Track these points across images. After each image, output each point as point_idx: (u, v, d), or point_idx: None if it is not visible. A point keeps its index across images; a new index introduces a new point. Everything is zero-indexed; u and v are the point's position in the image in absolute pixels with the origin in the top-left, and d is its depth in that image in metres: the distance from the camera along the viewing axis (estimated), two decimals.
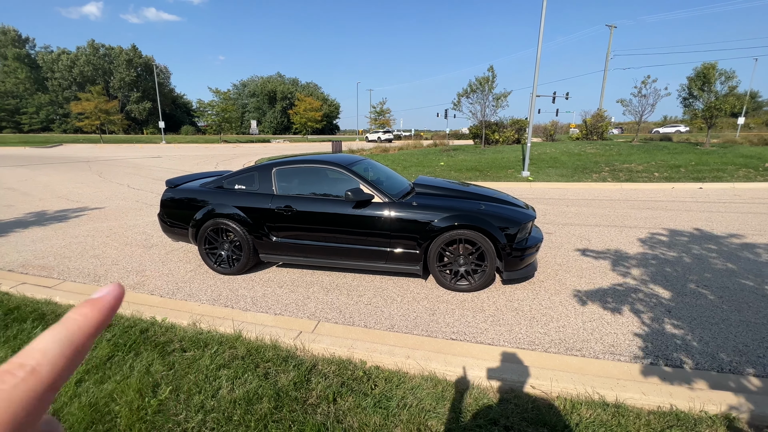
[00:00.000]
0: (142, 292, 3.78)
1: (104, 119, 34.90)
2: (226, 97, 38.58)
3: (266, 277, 4.13)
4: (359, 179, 3.84)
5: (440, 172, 12.96)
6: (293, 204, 3.89)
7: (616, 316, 3.15)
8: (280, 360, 2.43)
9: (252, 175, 4.14)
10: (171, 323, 2.95)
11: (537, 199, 8.64)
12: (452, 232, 3.54)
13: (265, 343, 2.65)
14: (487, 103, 18.96)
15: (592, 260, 4.54)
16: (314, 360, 2.48)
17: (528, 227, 3.69)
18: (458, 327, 3.03)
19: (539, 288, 3.76)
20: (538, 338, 2.85)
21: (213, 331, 2.83)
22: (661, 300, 3.44)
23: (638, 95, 18.08)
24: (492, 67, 18.21)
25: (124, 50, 63.21)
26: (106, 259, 4.73)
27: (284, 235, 3.96)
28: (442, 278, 3.70)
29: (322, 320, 3.17)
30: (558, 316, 3.17)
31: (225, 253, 4.14)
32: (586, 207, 7.75)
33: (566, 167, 12.93)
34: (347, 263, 3.91)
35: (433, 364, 2.37)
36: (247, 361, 2.42)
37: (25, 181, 11.66)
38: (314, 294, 3.68)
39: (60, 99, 60.96)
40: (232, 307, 3.44)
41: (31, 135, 50.70)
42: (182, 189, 4.35)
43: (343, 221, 3.77)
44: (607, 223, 6.34)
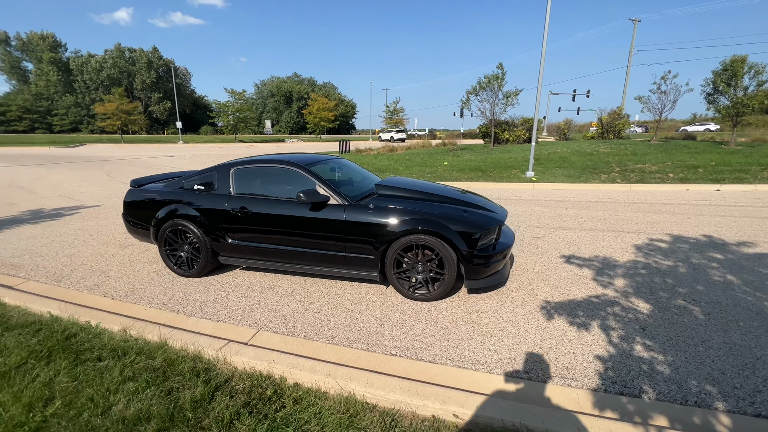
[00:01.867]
0: (96, 293, 3.71)
1: (125, 120, 36.13)
2: (240, 97, 39.21)
3: (225, 280, 4.01)
4: (316, 180, 3.65)
5: (443, 172, 12.65)
6: (249, 205, 3.74)
7: (580, 334, 2.84)
8: (193, 373, 2.27)
9: (211, 175, 4.02)
10: (103, 329, 2.84)
11: (536, 201, 8.24)
12: (408, 237, 3.30)
13: (188, 354, 2.50)
14: (497, 101, 18.46)
15: (574, 268, 4.20)
16: (231, 374, 2.30)
17: (493, 232, 3.41)
18: (403, 341, 2.80)
19: (506, 298, 3.47)
20: (485, 357, 2.58)
21: (140, 338, 2.70)
22: (639, 316, 3.10)
23: (657, 91, 17.17)
24: (501, 65, 17.70)
25: (145, 52, 65.33)
26: (78, 259, 4.73)
27: (240, 237, 3.82)
28: (399, 286, 3.46)
29: (263, 329, 3.00)
30: (516, 332, 2.89)
31: (185, 254, 4.04)
32: (586, 210, 7.30)
33: (575, 167, 12.36)
34: (305, 268, 3.74)
35: (353, 385, 2.15)
36: (158, 373, 2.27)
37: (36, 180, 12.07)
38: (266, 300, 3.52)
39: (87, 101, 63.61)
40: (178, 311, 3.32)
41: (58, 135, 53.13)
42: (144, 189, 4.28)
43: (298, 224, 3.59)
44: (604, 228, 5.92)
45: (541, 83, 11.02)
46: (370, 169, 13.83)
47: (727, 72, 14.85)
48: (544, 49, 10.67)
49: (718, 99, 15.44)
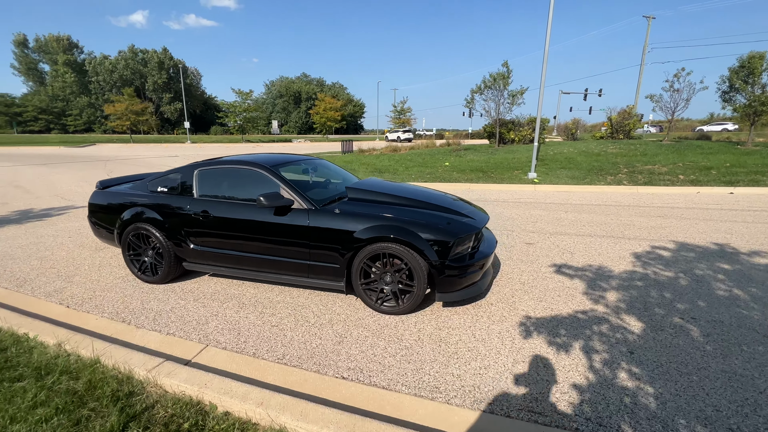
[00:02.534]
0: (53, 300, 3.54)
1: (134, 120, 36.59)
2: (247, 97, 39.37)
3: (190, 287, 3.79)
4: (281, 182, 3.41)
5: (443, 173, 12.33)
6: (211, 209, 3.52)
7: (559, 357, 2.53)
8: (112, 399, 2.04)
9: (175, 177, 3.81)
10: (38, 342, 2.65)
11: (535, 204, 7.87)
12: (375, 245, 3.03)
13: (119, 374, 2.28)
14: (502, 100, 18.03)
15: (564, 279, 3.87)
16: (155, 400, 2.07)
17: (468, 240, 3.12)
18: (359, 361, 2.53)
19: (483, 313, 3.17)
20: (446, 383, 2.30)
21: (73, 354, 2.49)
22: (628, 336, 2.77)
23: (670, 90, 16.52)
24: (507, 63, 17.27)
25: (156, 53, 66.30)
26: (48, 262, 4.58)
27: (203, 243, 3.60)
28: (367, 298, 3.20)
29: (212, 344, 2.77)
30: (486, 353, 2.60)
31: (148, 260, 3.84)
32: (587, 213, 6.92)
33: (580, 168, 11.91)
34: (270, 276, 3.50)
35: (284, 417, 1.90)
36: (75, 398, 2.05)
37: (35, 179, 12.13)
38: (225, 310, 3.29)
39: (100, 101, 64.89)
40: (129, 322, 3.11)
41: (71, 135, 54.25)
42: (110, 191, 4.10)
43: (261, 229, 3.36)
44: (604, 233, 5.55)
45: (543, 82, 10.62)
46: (370, 169, 13.59)
47: (745, 69, 14.17)
48: (546, 48, 10.27)
49: (735, 97, 14.76)
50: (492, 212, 7.09)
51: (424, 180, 11.30)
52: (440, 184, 10.67)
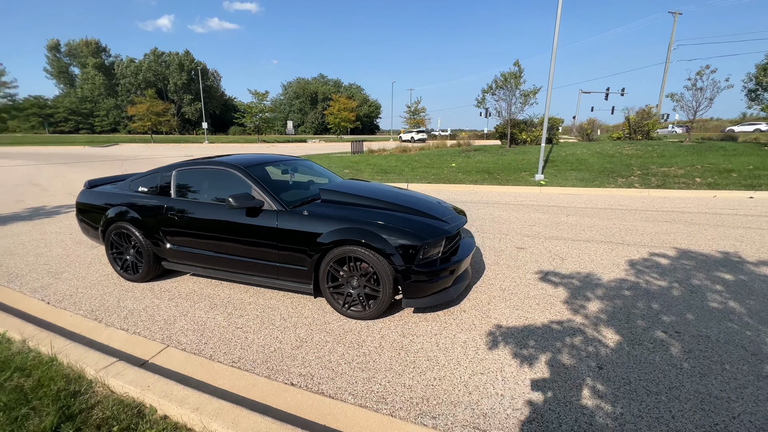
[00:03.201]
0: (36, 296, 3.63)
1: (155, 120, 37.79)
2: (263, 98, 40.02)
3: (168, 286, 3.83)
4: (253, 183, 3.39)
5: (448, 173, 12.15)
6: (186, 208, 3.54)
7: (520, 370, 2.40)
8: (56, 398, 2.05)
9: (155, 177, 3.86)
10: (6, 338, 2.71)
11: (537, 207, 7.64)
12: (341, 248, 2.97)
13: (72, 372, 2.30)
14: (514, 100, 17.64)
15: (547, 287, 3.71)
16: (98, 401, 2.07)
17: (437, 244, 3.01)
18: (313, 367, 2.48)
19: (453, 320, 3.06)
20: (394, 393, 2.21)
21: (34, 351, 2.53)
22: (600, 350, 2.61)
23: (692, 88, 15.75)
24: (518, 62, 16.89)
25: (178, 55, 68.30)
26: (43, 258, 4.72)
27: (179, 242, 3.63)
28: (334, 301, 3.14)
29: (173, 345, 2.77)
30: (446, 363, 2.49)
31: (130, 258, 3.90)
32: (590, 217, 6.65)
33: (591, 170, 11.51)
34: (242, 277, 3.49)
35: (216, 424, 1.86)
36: (20, 396, 2.07)
37: (54, 178, 12.65)
38: (195, 311, 3.29)
39: (125, 103, 67.39)
40: (101, 320, 3.16)
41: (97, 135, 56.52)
42: (96, 191, 4.19)
43: (233, 230, 3.35)
44: (602, 239, 5.31)
45: (551, 81, 10.31)
46: (376, 170, 13.55)
47: None
48: (555, 46, 9.97)
49: (762, 95, 13.95)
50: (489, 215, 6.91)
51: (428, 181, 11.17)
52: (444, 186, 10.53)
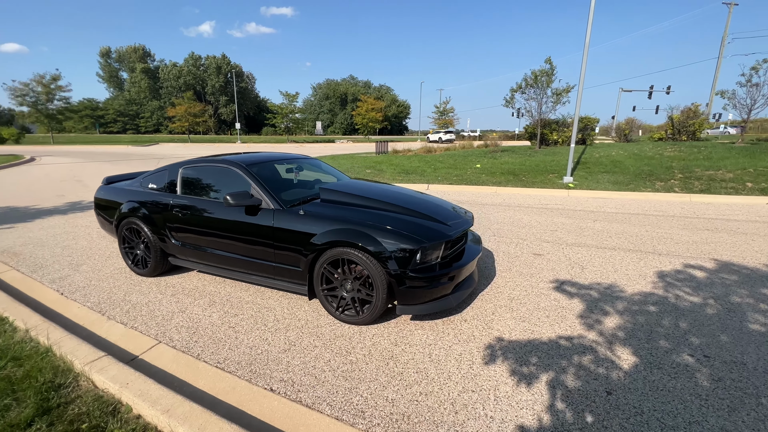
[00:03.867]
0: (53, 286, 3.80)
1: (192, 121, 39.65)
2: (293, 99, 40.92)
3: (174, 282, 3.89)
4: (252, 181, 3.36)
5: (471, 175, 11.80)
6: (190, 205, 3.58)
7: (516, 390, 2.19)
8: (40, 390, 2.08)
9: (164, 174, 3.94)
10: (13, 326, 2.82)
11: (562, 211, 7.20)
12: (335, 249, 2.86)
13: (63, 364, 2.34)
14: (545, 99, 16.91)
15: (561, 297, 3.42)
16: (78, 395, 2.08)
17: (435, 249, 2.83)
18: (296, 373, 2.38)
19: (451, 330, 2.87)
20: (373, 408, 2.07)
21: (34, 341, 2.61)
22: (612, 373, 2.34)
23: (747, 84, 14.39)
24: (550, 59, 16.16)
25: (215, 59, 71.37)
26: (69, 250, 4.97)
27: (182, 239, 3.67)
28: (328, 305, 3.04)
29: (165, 341, 2.78)
30: (436, 377, 2.32)
31: (140, 253, 4.00)
32: (620, 223, 6.17)
33: (626, 173, 10.77)
34: (242, 275, 3.48)
35: (182, 428, 1.80)
36: (8, 385, 2.12)
37: (95, 175, 13.48)
38: (193, 308, 3.30)
39: (167, 105, 71.33)
40: (104, 313, 3.24)
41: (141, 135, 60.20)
42: (111, 187, 4.34)
43: (231, 227, 3.34)
44: (631, 247, 4.89)
45: (583, 78, 9.73)
46: (397, 170, 13.40)
47: None
48: (587, 39, 9.39)
49: None
50: (509, 218, 6.59)
51: (450, 182, 10.88)
52: (465, 187, 10.21)
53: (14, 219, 6.75)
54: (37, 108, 33.32)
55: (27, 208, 7.69)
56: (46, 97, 33.17)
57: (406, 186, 10.42)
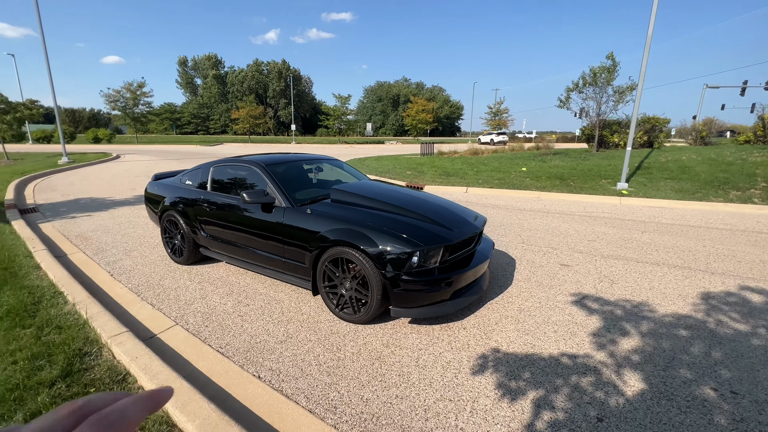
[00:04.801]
0: (107, 268, 4.34)
1: (252, 123, 42.61)
2: (346, 101, 42.18)
3: (203, 271, 4.25)
4: (269, 180, 3.57)
5: (514, 178, 11.29)
6: (216, 201, 3.89)
7: (497, 405, 2.08)
8: (68, 354, 2.42)
9: (197, 172, 4.32)
10: (65, 300, 3.29)
11: (607, 219, 6.63)
12: (336, 248, 2.94)
13: (94, 335, 2.69)
14: (605, 98, 15.64)
15: (578, 312, 3.17)
16: (97, 363, 2.38)
17: (434, 253, 2.79)
18: (285, 363, 2.50)
19: (447, 336, 2.81)
20: (349, 404, 2.10)
21: (77, 314, 3.02)
22: (611, 398, 2.13)
23: None
24: (612, 54, 14.91)
25: (276, 64, 75.83)
26: (126, 237, 5.64)
27: (210, 231, 4.00)
28: (329, 301, 3.13)
29: (181, 324, 3.06)
30: (416, 382, 2.29)
31: (177, 243, 4.43)
32: (672, 236, 5.54)
33: (696, 180, 9.59)
34: (257, 268, 3.70)
35: (168, 403, 1.99)
36: (48, 349, 2.49)
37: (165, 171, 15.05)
38: (212, 295, 3.59)
39: (232, 108, 77.28)
40: (140, 294, 3.64)
41: (209, 136, 65.86)
42: (158, 182, 4.85)
43: (250, 223, 3.57)
44: (678, 263, 4.38)
45: (643, 72, 8.84)
46: (438, 172, 13.24)
47: None
48: (650, 30, 8.52)
49: None
50: (544, 225, 6.22)
51: (490, 186, 10.51)
52: (506, 191, 9.80)
53: (92, 208, 7.79)
54: (125, 112, 38.03)
55: (104, 199, 8.83)
56: (133, 102, 37.74)
57: (445, 188, 10.28)
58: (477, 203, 8.35)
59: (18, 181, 11.00)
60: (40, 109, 21.45)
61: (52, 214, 7.19)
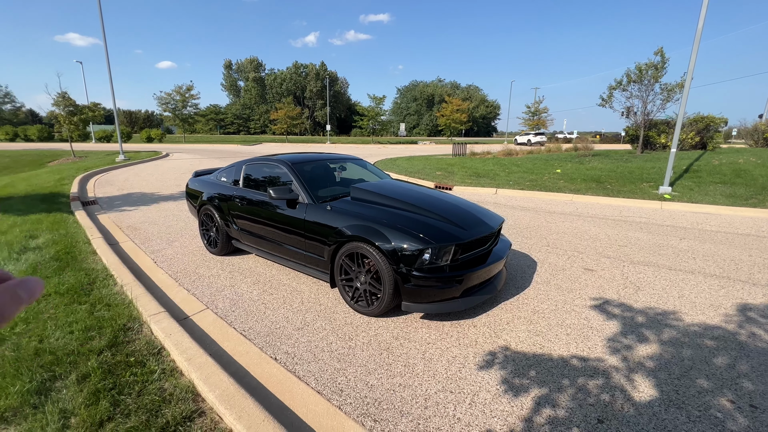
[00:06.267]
0: (152, 256, 4.79)
1: (289, 124, 44.17)
2: (380, 102, 42.57)
3: (235, 261, 4.57)
4: (294, 178, 3.79)
5: (547, 181, 10.94)
6: (247, 196, 4.18)
7: (497, 399, 2.13)
8: (114, 329, 2.75)
9: (231, 170, 4.64)
10: (115, 281, 3.69)
11: (645, 225, 6.30)
12: (352, 243, 3.10)
13: (137, 313, 3.03)
14: (651, 96, 14.73)
15: (596, 317, 3.11)
16: (137, 337, 2.69)
17: (445, 251, 2.86)
18: (300, 349, 2.68)
19: (457, 332, 2.87)
20: (354, 389, 2.23)
21: (124, 294, 3.40)
22: (617, 402, 2.10)
23: None
24: (661, 49, 14.02)
25: (314, 66, 77.91)
26: (169, 229, 6.15)
27: (241, 225, 4.30)
28: (345, 294, 3.29)
29: (211, 308, 3.34)
30: (421, 372, 2.38)
31: (213, 235, 4.80)
32: (715, 244, 5.19)
33: (751, 185, 8.84)
34: (281, 260, 3.94)
35: (194, 374, 2.21)
36: (97, 321, 2.84)
37: None
38: (241, 284, 3.87)
39: (272, 109, 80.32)
40: (177, 279, 4.00)
41: (249, 136, 68.86)
42: (197, 179, 5.26)
43: (276, 218, 3.82)
44: (716, 272, 4.12)
45: (692, 67, 8.27)
46: (468, 173, 13.10)
47: None
48: (701, 22, 7.95)
49: None
50: (572, 229, 6.03)
51: (521, 187, 10.27)
52: (537, 193, 9.54)
53: (142, 202, 8.52)
54: (174, 113, 40.78)
55: (152, 194, 9.60)
56: (182, 104, 40.37)
57: (473, 189, 10.17)
58: (505, 205, 8.21)
59: (81, 176, 12.21)
60: (101, 111, 23.59)
61: (108, 207, 7.96)
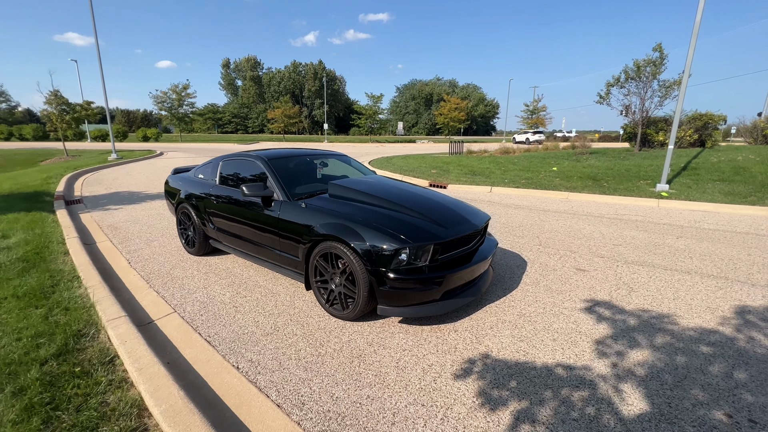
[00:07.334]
0: (127, 256, 4.59)
1: (287, 123, 43.90)
2: (378, 101, 42.35)
3: (213, 262, 4.38)
4: (269, 174, 3.60)
5: (543, 179, 10.76)
6: (222, 194, 3.99)
7: (472, 414, 1.94)
8: (66, 334, 2.56)
9: (208, 166, 4.45)
10: (80, 284, 3.50)
11: (641, 223, 6.12)
12: (326, 243, 2.91)
13: (96, 318, 2.84)
14: (650, 93, 14.56)
15: (586, 321, 2.93)
16: (90, 345, 2.50)
17: (422, 251, 2.68)
18: (266, 356, 2.49)
19: (436, 338, 2.68)
20: (317, 402, 2.05)
21: (86, 297, 3.20)
22: (602, 415, 1.92)
23: None
24: (660, 46, 13.84)
25: (312, 65, 77.62)
26: (151, 228, 5.95)
27: (217, 224, 4.11)
28: (319, 296, 3.10)
29: (179, 312, 3.15)
30: (392, 383, 2.20)
31: (191, 234, 4.60)
32: (712, 242, 5.01)
33: (750, 182, 8.67)
34: (257, 260, 3.75)
35: (143, 386, 2.03)
36: (52, 327, 2.65)
37: None
38: (215, 286, 3.68)
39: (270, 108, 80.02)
40: (149, 281, 3.81)
41: (247, 135, 68.62)
42: (175, 176, 5.06)
43: (251, 216, 3.63)
44: (715, 273, 3.94)
45: (689, 64, 8.09)
46: (464, 171, 12.92)
47: None
48: (698, 16, 7.76)
49: None
50: (565, 227, 5.85)
51: (516, 185, 10.08)
52: (532, 191, 9.35)
53: (129, 201, 8.31)
54: (171, 112, 40.49)
55: (140, 193, 9.40)
56: (178, 103, 40.07)
57: (468, 188, 9.98)
58: (499, 203, 8.03)
59: (70, 175, 12.00)
60: (95, 110, 23.32)
61: (92, 205, 7.77)
